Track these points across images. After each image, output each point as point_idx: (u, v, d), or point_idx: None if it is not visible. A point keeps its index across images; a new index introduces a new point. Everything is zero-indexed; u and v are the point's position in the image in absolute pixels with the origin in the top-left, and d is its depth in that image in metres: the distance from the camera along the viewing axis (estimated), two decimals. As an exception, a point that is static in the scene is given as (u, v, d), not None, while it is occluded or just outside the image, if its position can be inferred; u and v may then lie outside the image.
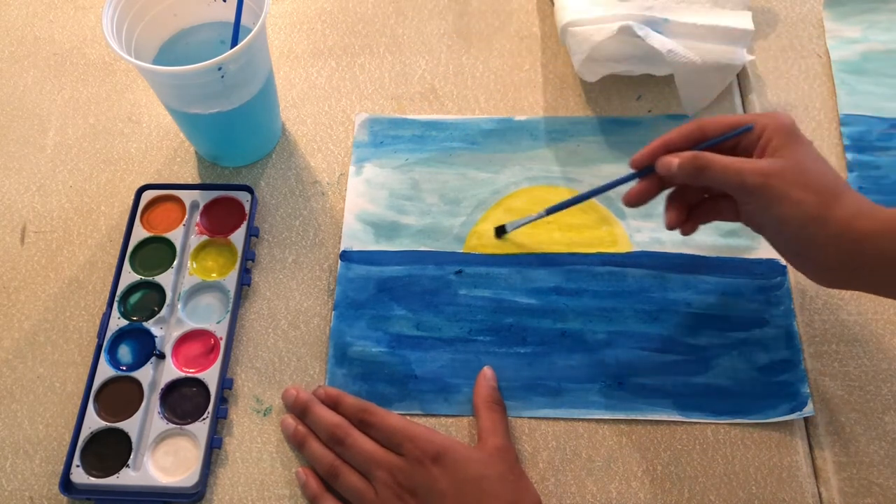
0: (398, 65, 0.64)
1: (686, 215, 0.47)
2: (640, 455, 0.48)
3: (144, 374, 0.50)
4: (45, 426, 0.50)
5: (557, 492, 0.47)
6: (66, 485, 0.47)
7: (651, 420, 0.49)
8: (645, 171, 0.47)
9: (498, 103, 0.61)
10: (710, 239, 0.54)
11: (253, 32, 0.49)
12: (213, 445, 0.48)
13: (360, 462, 0.46)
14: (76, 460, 0.48)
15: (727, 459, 0.47)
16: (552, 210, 0.52)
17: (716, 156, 0.43)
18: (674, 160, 0.44)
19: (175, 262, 0.54)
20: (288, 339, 0.53)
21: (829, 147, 0.58)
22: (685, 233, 0.48)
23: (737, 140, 0.45)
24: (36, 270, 0.56)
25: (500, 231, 0.55)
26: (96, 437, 0.49)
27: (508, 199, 0.57)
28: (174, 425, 0.49)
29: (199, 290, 0.54)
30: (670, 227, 0.47)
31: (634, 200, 0.47)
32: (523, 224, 0.54)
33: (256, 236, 0.56)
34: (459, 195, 0.57)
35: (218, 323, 0.52)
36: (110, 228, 0.57)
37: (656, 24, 0.57)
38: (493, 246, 0.55)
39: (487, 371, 0.50)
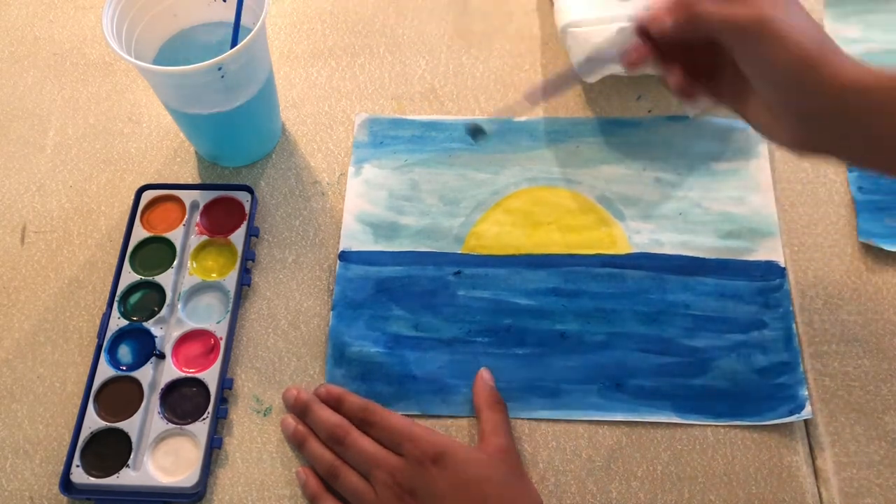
0: (398, 65, 0.64)
1: (685, 78, 0.45)
2: (640, 455, 0.48)
3: (144, 374, 0.50)
4: (45, 426, 0.50)
5: (557, 492, 0.47)
6: (66, 485, 0.47)
7: (651, 421, 0.49)
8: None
9: (498, 103, 0.61)
10: (709, 241, 0.54)
11: (253, 32, 0.49)
12: (213, 445, 0.48)
13: (359, 462, 0.46)
14: (76, 460, 0.48)
15: (727, 460, 0.47)
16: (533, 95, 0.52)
17: (709, 2, 0.42)
18: (666, 18, 0.43)
19: (175, 262, 0.54)
20: (288, 339, 0.53)
21: (828, 147, 0.58)
22: (688, 94, 0.45)
23: None
24: (36, 270, 0.56)
25: (477, 132, 0.54)
26: (96, 437, 0.49)
27: (508, 199, 0.57)
28: (174, 425, 0.49)
29: (199, 290, 0.54)
30: (678, 89, 0.45)
31: (633, 64, 0.45)
32: (506, 111, 0.53)
33: (256, 236, 0.56)
34: (459, 196, 0.57)
35: (218, 323, 0.52)
36: (110, 228, 0.57)
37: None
38: (492, 247, 0.55)
39: (485, 372, 0.50)
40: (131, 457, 0.48)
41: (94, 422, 0.49)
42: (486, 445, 0.46)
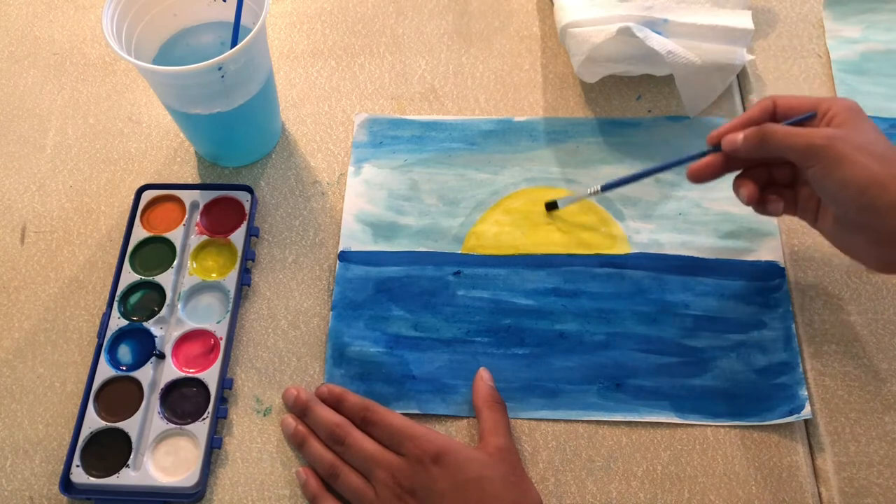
0: (398, 65, 0.64)
1: (758, 191, 0.47)
2: (640, 455, 0.48)
3: (144, 374, 0.50)
4: (45, 426, 0.50)
5: (557, 492, 0.47)
6: (66, 485, 0.47)
7: (651, 421, 0.49)
8: (712, 149, 0.48)
9: (498, 103, 0.61)
10: (709, 241, 0.54)
11: (253, 32, 0.49)
12: (213, 445, 0.48)
13: (359, 462, 0.46)
14: (76, 460, 0.48)
15: (727, 460, 0.47)
16: (609, 186, 0.53)
17: (780, 125, 0.44)
18: (738, 135, 0.45)
19: (175, 262, 0.54)
20: (288, 339, 0.53)
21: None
22: (771, 210, 0.47)
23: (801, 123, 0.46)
24: (36, 270, 0.56)
25: (552, 206, 0.55)
26: (96, 437, 0.49)
27: (507, 199, 0.57)
28: (174, 425, 0.49)
29: (199, 290, 0.54)
30: (749, 201, 0.47)
31: (697, 175, 0.48)
32: (576, 200, 0.55)
33: (256, 236, 0.56)
34: (458, 196, 0.57)
35: (218, 323, 0.52)
36: (110, 228, 0.58)
37: (656, 25, 0.57)
38: (491, 247, 0.55)
39: (484, 372, 0.50)
40: (131, 457, 0.48)
41: (94, 422, 0.49)
42: (486, 445, 0.46)
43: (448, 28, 0.66)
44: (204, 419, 0.49)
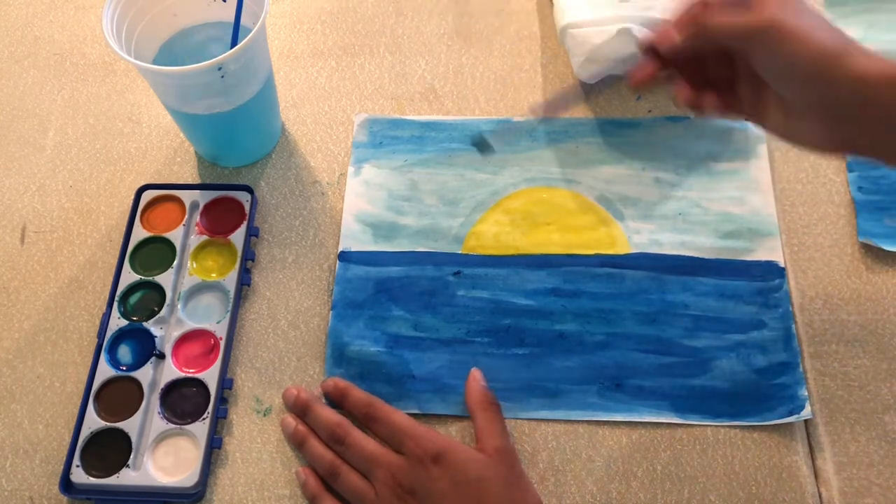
0: (398, 65, 0.64)
1: (694, 92, 0.46)
2: (640, 455, 0.48)
3: (144, 374, 0.50)
4: (45, 426, 0.50)
5: (557, 492, 0.47)
6: (66, 485, 0.47)
7: (651, 421, 0.49)
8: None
9: (498, 103, 0.61)
10: (709, 241, 0.54)
11: (253, 32, 0.49)
12: (213, 445, 0.48)
13: (360, 461, 0.46)
14: (76, 460, 0.48)
15: (727, 460, 0.47)
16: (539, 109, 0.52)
17: (717, 14, 0.42)
18: (674, 32, 0.44)
19: (175, 262, 0.54)
20: (288, 339, 0.53)
21: (828, 147, 0.58)
22: (706, 107, 0.46)
23: None
24: (36, 270, 0.56)
25: (483, 146, 0.54)
26: (96, 437, 0.49)
27: (507, 200, 0.57)
28: (174, 425, 0.49)
29: (199, 290, 0.54)
30: (687, 103, 0.45)
31: (638, 82, 0.46)
32: (507, 131, 0.53)
33: (256, 236, 0.56)
34: (458, 196, 0.57)
35: (218, 323, 0.52)
36: (110, 228, 0.58)
37: (656, 25, 0.57)
38: (491, 247, 0.55)
39: (476, 373, 0.50)
40: (131, 457, 0.48)
41: (94, 422, 0.49)
42: (484, 447, 0.46)
43: (448, 28, 0.66)
44: (204, 419, 0.49)
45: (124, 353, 0.52)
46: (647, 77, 0.46)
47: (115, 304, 0.53)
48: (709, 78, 0.46)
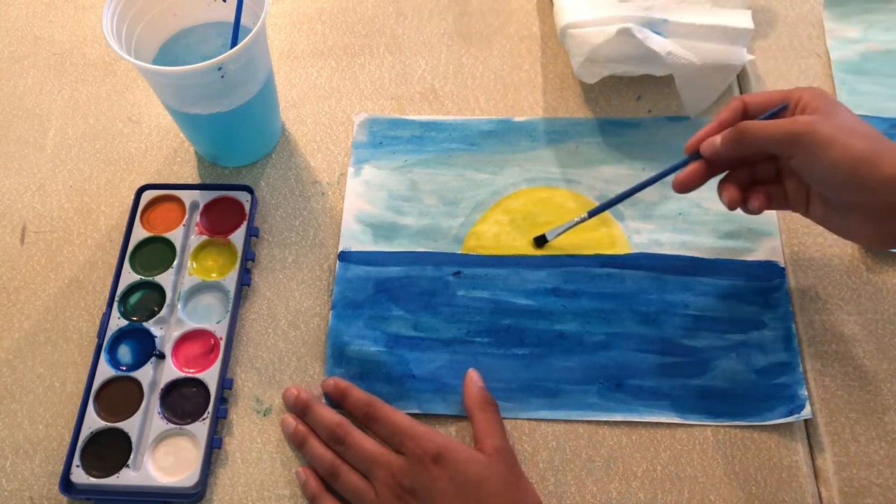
0: (398, 65, 0.64)
1: (742, 192, 0.47)
2: (640, 455, 0.48)
3: (144, 374, 0.50)
4: (45, 426, 0.50)
5: (557, 492, 0.47)
6: (66, 485, 0.47)
7: (651, 421, 0.49)
8: (693, 157, 0.48)
9: (497, 104, 0.61)
10: (709, 241, 0.54)
11: (253, 32, 0.49)
12: (213, 445, 0.48)
13: (360, 461, 0.46)
14: (76, 460, 0.48)
15: (727, 460, 0.47)
16: (594, 212, 0.52)
17: (756, 121, 0.45)
18: (716, 138, 0.46)
19: (175, 262, 0.54)
20: (288, 339, 0.53)
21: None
22: (751, 208, 0.47)
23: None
24: (36, 270, 0.56)
25: (541, 241, 0.54)
26: (96, 437, 0.49)
27: (507, 200, 0.57)
28: (174, 425, 0.49)
29: (199, 290, 0.54)
30: (732, 205, 0.47)
31: (682, 185, 0.48)
32: (565, 230, 0.54)
33: (256, 236, 0.56)
34: (458, 196, 0.57)
35: (218, 323, 0.52)
36: (110, 228, 0.58)
37: (656, 25, 0.57)
38: (491, 247, 0.55)
39: (473, 373, 0.50)
40: (131, 457, 0.48)
41: (94, 422, 0.49)
42: (483, 447, 0.46)
43: (448, 28, 0.66)
44: (204, 419, 0.49)
45: (124, 353, 0.52)
46: (693, 180, 0.47)
47: (115, 304, 0.53)
48: (755, 173, 0.48)
